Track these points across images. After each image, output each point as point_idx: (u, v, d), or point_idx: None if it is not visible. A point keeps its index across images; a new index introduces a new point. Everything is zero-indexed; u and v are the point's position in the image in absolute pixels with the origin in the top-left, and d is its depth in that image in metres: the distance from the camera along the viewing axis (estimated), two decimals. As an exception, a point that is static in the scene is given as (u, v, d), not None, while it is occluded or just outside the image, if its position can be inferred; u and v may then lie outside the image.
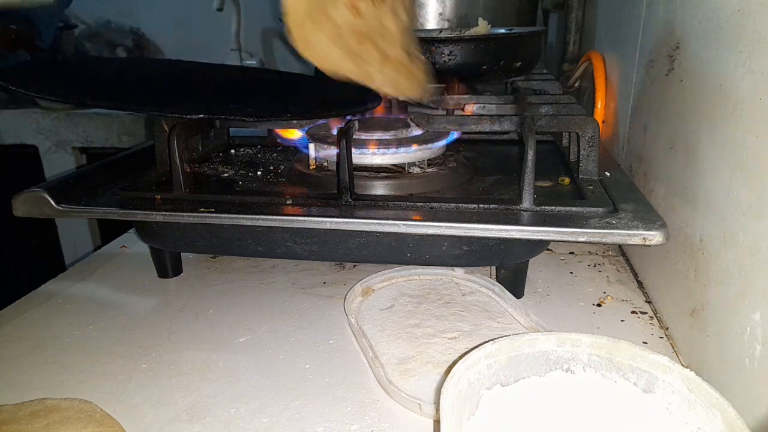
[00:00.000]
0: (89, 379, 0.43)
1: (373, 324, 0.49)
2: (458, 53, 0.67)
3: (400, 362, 0.44)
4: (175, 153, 0.52)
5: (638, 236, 0.42)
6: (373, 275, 0.55)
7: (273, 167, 0.65)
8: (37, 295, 0.57)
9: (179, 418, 0.39)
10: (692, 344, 0.43)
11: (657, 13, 0.57)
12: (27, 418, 0.36)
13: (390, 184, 0.55)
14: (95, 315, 0.52)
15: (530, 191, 0.47)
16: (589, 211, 0.46)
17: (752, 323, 0.34)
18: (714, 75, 0.41)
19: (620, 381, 0.32)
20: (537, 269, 0.59)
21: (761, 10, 0.35)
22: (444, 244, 0.50)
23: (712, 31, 0.42)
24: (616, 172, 0.56)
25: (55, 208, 0.50)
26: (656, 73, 0.56)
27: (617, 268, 0.60)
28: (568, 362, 0.33)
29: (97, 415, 0.37)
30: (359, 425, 0.38)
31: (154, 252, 0.59)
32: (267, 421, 0.39)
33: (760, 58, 0.34)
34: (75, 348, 0.47)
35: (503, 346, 0.33)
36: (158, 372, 0.44)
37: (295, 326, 0.50)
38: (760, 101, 0.34)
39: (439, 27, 0.92)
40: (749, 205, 0.35)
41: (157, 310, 0.53)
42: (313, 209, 0.49)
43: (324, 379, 0.43)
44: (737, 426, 0.27)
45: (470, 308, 0.51)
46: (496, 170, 0.56)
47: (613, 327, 0.49)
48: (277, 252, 0.54)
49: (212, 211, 0.49)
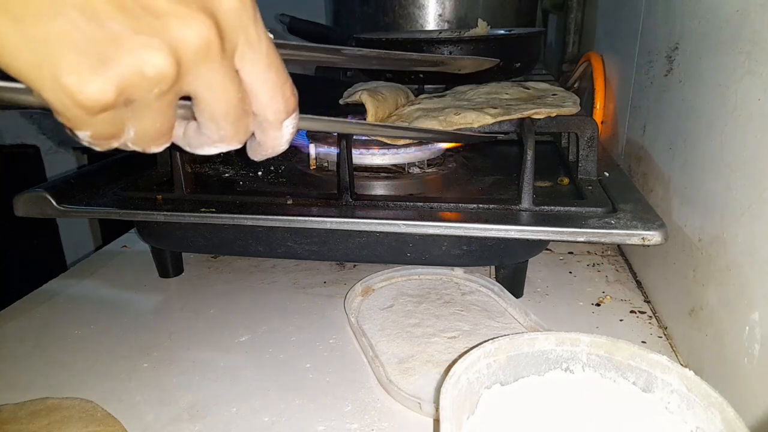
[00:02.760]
0: (90, 378, 0.43)
1: (373, 323, 0.49)
2: (458, 54, 0.67)
3: (400, 361, 0.44)
4: (176, 153, 0.52)
5: (637, 236, 0.42)
6: (373, 275, 0.55)
7: (273, 167, 0.65)
8: (39, 294, 0.57)
9: (180, 417, 0.39)
10: (691, 344, 0.43)
11: (656, 13, 0.57)
12: (28, 417, 0.37)
13: (390, 185, 0.55)
14: (96, 315, 0.53)
15: (529, 191, 0.47)
16: (588, 211, 0.47)
17: (751, 323, 0.34)
18: (713, 75, 0.41)
19: (619, 380, 0.32)
20: (536, 269, 0.59)
21: (761, 10, 0.35)
22: (444, 244, 0.50)
23: (711, 31, 0.42)
24: (615, 172, 0.56)
25: (56, 208, 0.50)
26: (655, 74, 0.56)
27: (616, 267, 0.61)
28: (568, 362, 0.33)
29: (98, 414, 0.38)
30: (359, 424, 0.38)
31: (155, 252, 0.59)
32: (267, 420, 0.39)
33: (760, 58, 0.34)
34: (76, 347, 0.47)
35: (503, 345, 0.33)
36: (159, 371, 0.44)
37: (295, 326, 0.50)
38: (758, 102, 0.34)
39: (439, 28, 0.92)
40: (749, 205, 0.35)
41: (158, 310, 0.54)
42: (313, 209, 0.49)
43: (324, 378, 0.43)
44: (736, 425, 0.27)
45: (470, 308, 0.51)
46: (495, 170, 0.56)
47: (612, 326, 0.50)
48: (278, 252, 0.54)
49: (213, 211, 0.49)
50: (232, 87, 0.22)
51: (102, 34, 0.18)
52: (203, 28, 0.20)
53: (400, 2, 0.91)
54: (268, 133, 0.24)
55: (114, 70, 0.19)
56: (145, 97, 0.20)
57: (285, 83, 0.24)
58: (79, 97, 0.19)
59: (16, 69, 0.18)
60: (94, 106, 0.19)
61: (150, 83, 0.20)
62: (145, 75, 0.19)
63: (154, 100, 0.20)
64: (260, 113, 0.24)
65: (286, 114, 0.24)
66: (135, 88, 0.19)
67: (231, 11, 0.21)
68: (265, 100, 0.23)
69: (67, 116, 0.20)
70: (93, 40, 0.18)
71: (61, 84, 0.18)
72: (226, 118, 0.22)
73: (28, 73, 0.18)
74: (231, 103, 0.22)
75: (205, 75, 0.21)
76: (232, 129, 0.23)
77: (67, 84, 0.18)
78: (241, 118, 0.23)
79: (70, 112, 0.19)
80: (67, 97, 0.19)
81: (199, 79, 0.21)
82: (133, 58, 0.19)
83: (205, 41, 0.20)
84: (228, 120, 0.22)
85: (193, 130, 0.24)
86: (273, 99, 0.23)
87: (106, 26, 0.18)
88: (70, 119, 0.20)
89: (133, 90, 0.20)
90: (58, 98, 0.19)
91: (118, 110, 0.20)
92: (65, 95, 0.19)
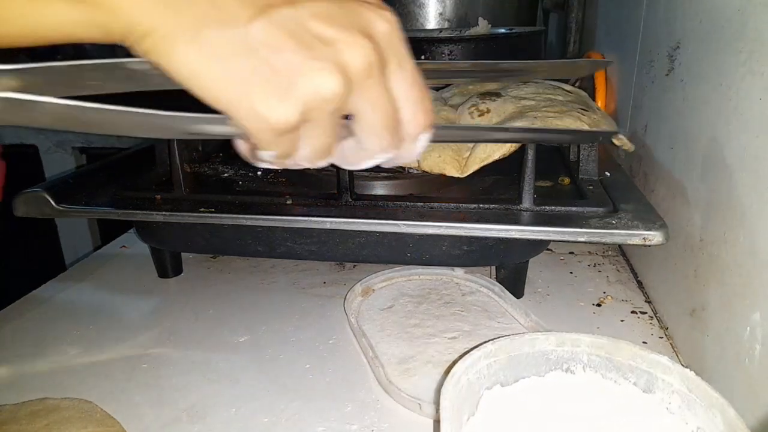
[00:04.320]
0: (89, 378, 0.43)
1: (373, 324, 0.49)
2: (458, 53, 0.67)
3: (400, 362, 0.44)
4: (175, 153, 0.52)
5: (638, 236, 0.42)
6: (373, 275, 0.55)
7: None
8: (38, 295, 0.57)
9: (179, 418, 0.39)
10: (692, 344, 0.43)
11: (657, 13, 0.57)
12: (27, 417, 0.36)
13: (390, 184, 0.55)
14: (95, 315, 0.52)
15: (530, 191, 0.47)
16: (589, 211, 0.46)
17: (752, 323, 0.34)
18: (714, 75, 0.41)
19: (620, 381, 0.32)
20: (537, 269, 0.59)
21: (761, 10, 0.35)
22: (444, 244, 0.50)
23: (712, 31, 0.42)
24: (616, 172, 0.56)
25: (55, 208, 0.50)
26: (657, 73, 0.55)
27: (617, 268, 0.60)
28: (568, 362, 0.33)
29: (98, 414, 0.37)
30: (359, 425, 0.38)
31: (154, 252, 0.59)
32: (267, 420, 0.39)
33: (760, 58, 0.34)
34: (75, 348, 0.47)
35: (503, 346, 0.33)
36: (158, 372, 0.44)
37: (295, 326, 0.50)
38: (760, 101, 0.34)
39: (439, 27, 0.92)
40: (749, 205, 0.35)
41: (158, 310, 0.54)
42: (313, 209, 0.49)
43: (324, 379, 0.43)
44: (737, 426, 0.27)
45: (470, 308, 0.51)
46: (496, 170, 0.56)
47: (613, 327, 0.49)
48: (278, 252, 0.54)
49: (212, 211, 0.49)
50: (389, 101, 0.24)
51: (285, 64, 0.21)
52: (367, 50, 0.23)
53: (400, 0, 0.91)
54: (406, 145, 0.26)
55: (296, 95, 0.22)
56: (320, 116, 0.23)
57: (425, 99, 0.26)
58: (270, 122, 0.22)
59: (224, 104, 0.22)
60: (282, 128, 0.22)
61: (326, 102, 0.22)
62: (321, 96, 0.22)
63: (326, 119, 0.23)
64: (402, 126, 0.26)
65: (423, 128, 0.26)
66: (313, 108, 0.22)
67: (385, 34, 0.24)
68: (408, 114, 0.25)
69: (259, 138, 0.23)
70: (278, 71, 0.21)
71: (257, 112, 0.22)
72: (387, 129, 0.25)
73: (231, 105, 0.22)
74: (389, 115, 0.25)
75: (368, 92, 0.24)
76: (391, 139, 0.25)
77: (261, 112, 0.22)
78: (397, 128, 0.25)
79: (262, 135, 0.23)
80: (262, 123, 0.22)
81: (363, 95, 0.23)
82: (311, 82, 0.22)
83: (368, 61, 0.23)
84: (388, 131, 0.25)
85: (349, 147, 0.26)
86: (415, 114, 0.25)
87: (288, 57, 0.21)
88: (261, 141, 0.23)
89: (311, 110, 0.22)
90: (254, 125, 0.22)
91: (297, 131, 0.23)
92: (260, 121, 0.22)
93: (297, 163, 0.25)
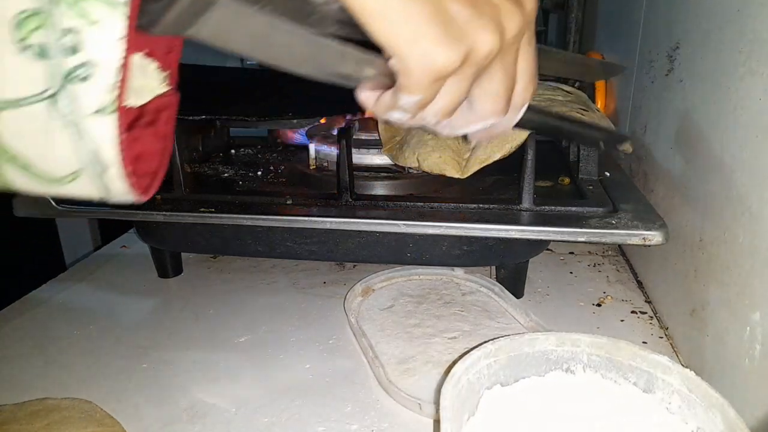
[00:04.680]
0: (89, 378, 0.43)
1: (373, 324, 0.49)
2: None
3: (400, 362, 0.44)
4: (176, 153, 0.52)
5: (638, 236, 0.42)
6: (373, 275, 0.55)
7: (273, 167, 0.65)
8: (38, 295, 0.57)
9: (179, 417, 0.39)
10: (692, 344, 0.43)
11: (657, 13, 0.57)
12: (27, 417, 0.36)
13: (390, 184, 0.55)
14: (95, 315, 0.52)
15: (530, 191, 0.47)
16: (589, 211, 0.46)
17: (752, 323, 0.34)
18: (714, 75, 0.41)
19: (620, 381, 0.32)
20: (537, 269, 0.59)
21: (761, 10, 0.35)
22: (444, 244, 0.50)
23: (712, 31, 0.42)
24: (616, 172, 0.56)
25: (55, 208, 0.50)
26: (656, 73, 0.56)
27: (617, 267, 0.60)
28: (568, 362, 0.33)
29: (98, 414, 0.37)
30: (359, 425, 0.38)
31: (154, 252, 0.59)
32: (267, 420, 0.39)
33: (760, 58, 0.34)
34: (75, 348, 0.47)
35: (503, 346, 0.33)
36: (159, 372, 0.44)
37: (295, 326, 0.50)
38: (759, 101, 0.34)
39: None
40: (749, 205, 0.35)
41: (158, 310, 0.54)
42: (313, 209, 0.49)
43: (324, 379, 0.43)
44: (737, 426, 0.27)
45: (470, 308, 0.51)
46: (496, 170, 0.56)
47: (613, 327, 0.49)
48: (278, 252, 0.54)
49: (212, 211, 0.49)
50: (515, 68, 0.26)
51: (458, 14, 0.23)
52: (521, 19, 0.25)
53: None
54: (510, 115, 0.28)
55: (462, 44, 0.23)
56: (469, 70, 0.24)
57: (535, 77, 0.28)
58: (437, 63, 0.23)
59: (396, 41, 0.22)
60: (444, 71, 0.23)
61: (482, 58, 0.24)
62: (480, 51, 0.23)
63: (473, 74, 0.24)
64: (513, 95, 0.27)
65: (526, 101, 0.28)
66: (470, 60, 0.24)
67: (532, 10, 0.26)
68: (522, 84, 0.27)
69: (415, 80, 0.24)
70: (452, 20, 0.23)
71: (426, 52, 0.23)
72: (505, 95, 0.27)
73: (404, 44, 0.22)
74: (512, 81, 0.26)
75: (508, 56, 0.25)
76: (505, 104, 0.27)
77: (429, 52, 0.23)
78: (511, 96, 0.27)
79: (421, 76, 0.23)
80: (427, 63, 0.23)
81: (503, 59, 0.25)
82: (478, 36, 0.23)
83: (520, 29, 0.25)
84: (505, 97, 0.27)
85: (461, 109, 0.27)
86: (526, 86, 0.27)
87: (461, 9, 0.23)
88: (414, 84, 0.24)
89: (468, 61, 0.24)
90: (419, 65, 0.23)
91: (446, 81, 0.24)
92: (426, 62, 0.23)
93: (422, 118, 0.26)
